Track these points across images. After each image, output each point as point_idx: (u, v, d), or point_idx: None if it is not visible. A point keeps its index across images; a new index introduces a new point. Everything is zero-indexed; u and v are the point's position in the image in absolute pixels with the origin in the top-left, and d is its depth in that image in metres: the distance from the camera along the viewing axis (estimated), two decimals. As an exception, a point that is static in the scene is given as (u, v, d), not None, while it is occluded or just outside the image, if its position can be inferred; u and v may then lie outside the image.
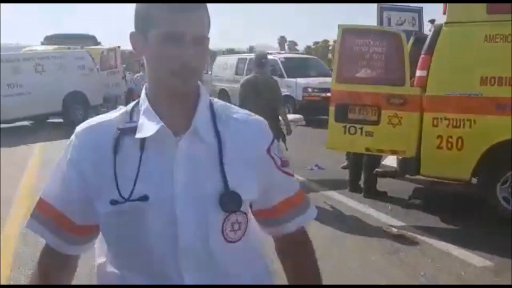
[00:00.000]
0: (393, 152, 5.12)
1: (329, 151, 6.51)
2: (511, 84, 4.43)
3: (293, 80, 13.07)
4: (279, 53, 15.35)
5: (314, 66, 14.86)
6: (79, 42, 17.27)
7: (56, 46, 16.72)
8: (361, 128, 5.07)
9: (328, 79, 13.89)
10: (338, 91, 5.16)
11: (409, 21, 12.35)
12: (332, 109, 5.18)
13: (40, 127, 12.70)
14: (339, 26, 5.14)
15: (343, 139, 5.17)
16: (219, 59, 17.25)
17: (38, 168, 7.61)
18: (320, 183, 6.47)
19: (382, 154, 5.41)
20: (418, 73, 4.89)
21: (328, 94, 12.77)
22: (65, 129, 11.76)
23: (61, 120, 13.44)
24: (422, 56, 4.90)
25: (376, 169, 5.66)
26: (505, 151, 4.57)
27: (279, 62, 13.75)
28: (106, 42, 21.83)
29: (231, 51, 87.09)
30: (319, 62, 15.59)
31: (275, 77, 13.46)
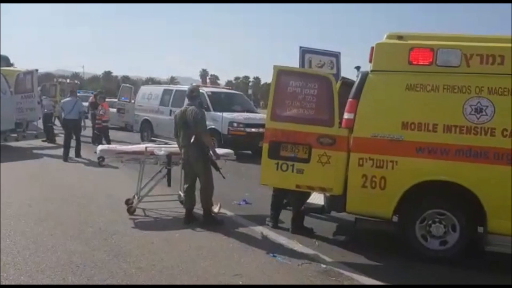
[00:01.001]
0: (322, 189, 5.31)
1: (254, 185, 6.67)
2: (430, 130, 4.85)
3: (219, 114, 13.19)
4: (206, 86, 15.43)
5: (239, 101, 15.13)
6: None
7: (-37, 66, 15.47)
8: (293, 165, 5.21)
9: (253, 115, 14.37)
10: (272, 129, 5.29)
11: (328, 64, 13.28)
12: (265, 146, 5.29)
13: None
14: (275, 66, 5.33)
15: (276, 175, 5.26)
16: (144, 89, 16.94)
17: None
18: (248, 218, 6.50)
19: (311, 191, 5.57)
20: (346, 115, 5.18)
21: (253, 130, 13.35)
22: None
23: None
24: (349, 100, 5.21)
25: (304, 206, 5.83)
26: (424, 191, 4.96)
27: (206, 95, 13.81)
28: (19, 64, 20.73)
29: (151, 81, 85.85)
30: (244, 97, 15.91)
31: (201, 110, 13.72)
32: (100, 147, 6.62)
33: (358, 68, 6.09)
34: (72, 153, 11.59)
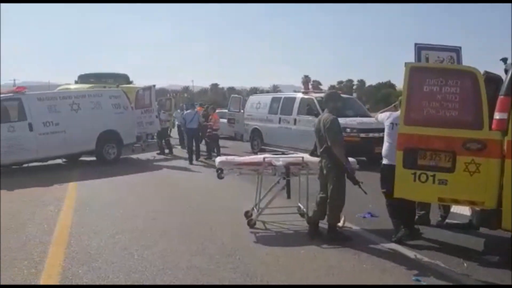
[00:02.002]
0: (471, 203, 4.57)
1: (375, 195, 6.11)
2: None
3: (331, 119, 12.64)
4: (314, 92, 14.99)
5: (351, 105, 14.43)
6: (112, 80, 17.47)
7: (91, 85, 16.89)
8: (433, 176, 4.55)
9: (367, 119, 13.58)
10: (406, 134, 4.68)
11: (448, 60, 12.06)
12: (400, 153, 4.69)
13: (73, 166, 12.55)
14: (406, 64, 4.73)
15: (413, 187, 4.64)
16: (252, 98, 17.00)
17: (72, 210, 7.28)
18: (377, 233, 5.91)
19: (457, 204, 4.84)
20: (498, 115, 4.40)
21: (370, 135, 12.58)
22: (98, 169, 11.75)
23: (93, 158, 13.32)
24: (501, 97, 4.43)
25: (447, 221, 5.11)
26: None
27: (315, 101, 13.38)
28: (137, 80, 22.22)
29: (255, 90, 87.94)
30: (356, 101, 15.17)
31: (311, 117, 13.29)
32: (218, 159, 6.50)
33: (504, 60, 5.23)
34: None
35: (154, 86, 13.73)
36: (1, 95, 11.43)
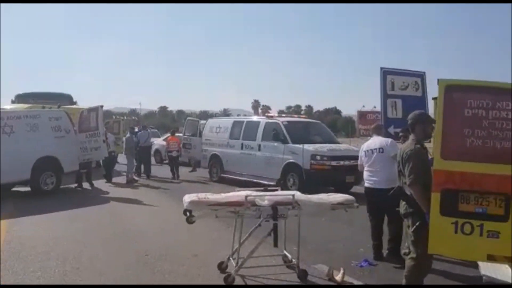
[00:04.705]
0: (530, 262, 3.53)
1: (360, 233, 5.10)
2: None
3: (299, 146, 11.64)
4: (281, 116, 14.01)
5: (318, 130, 13.53)
6: (54, 101, 15.63)
7: (28, 105, 15.00)
8: (481, 226, 3.51)
9: (336, 146, 12.67)
10: (444, 171, 3.60)
11: (413, 85, 11.55)
12: (436, 196, 3.61)
13: (3, 199, 10.55)
14: (440, 80, 3.71)
15: (454, 240, 3.57)
16: (211, 122, 15.72)
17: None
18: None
19: (510, 263, 3.80)
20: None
21: (341, 163, 11.64)
22: (33, 202, 9.94)
23: (28, 189, 11.47)
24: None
25: (484, 277, 4.05)
26: None
27: (282, 126, 12.36)
28: (82, 102, 20.35)
29: (205, 114, 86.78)
30: (323, 126, 14.25)
31: (277, 143, 12.22)
32: (187, 197, 5.13)
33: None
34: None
35: (101, 106, 12.12)
36: None
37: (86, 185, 12.81)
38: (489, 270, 4.23)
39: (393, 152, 5.76)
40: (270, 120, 13.03)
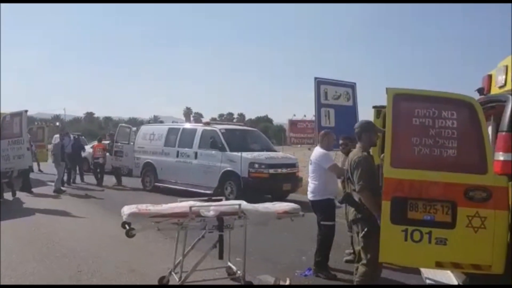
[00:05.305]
0: (475, 267, 3.61)
1: (301, 242, 5.06)
2: None
3: (237, 154, 11.53)
4: (217, 123, 13.84)
5: (256, 138, 13.51)
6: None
7: None
8: (429, 233, 3.56)
9: (274, 154, 12.69)
10: (394, 179, 3.63)
11: (344, 95, 11.97)
12: (386, 204, 3.62)
13: None
14: (388, 89, 3.75)
15: (404, 248, 3.59)
16: (144, 129, 15.18)
17: None
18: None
19: (459, 269, 3.87)
20: (501, 156, 3.59)
21: (279, 171, 11.67)
22: None
23: None
24: (501, 133, 3.64)
25: (428, 281, 4.13)
26: None
27: (220, 133, 12.19)
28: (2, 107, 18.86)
29: (133, 121, 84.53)
30: (260, 134, 14.24)
31: (214, 151, 12.03)
32: (126, 209, 4.78)
33: (480, 90, 4.57)
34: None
35: (26, 111, 11.21)
36: None
37: (7, 195, 11.79)
38: (431, 274, 4.33)
39: (318, 162, 5.84)
40: (208, 128, 12.80)
